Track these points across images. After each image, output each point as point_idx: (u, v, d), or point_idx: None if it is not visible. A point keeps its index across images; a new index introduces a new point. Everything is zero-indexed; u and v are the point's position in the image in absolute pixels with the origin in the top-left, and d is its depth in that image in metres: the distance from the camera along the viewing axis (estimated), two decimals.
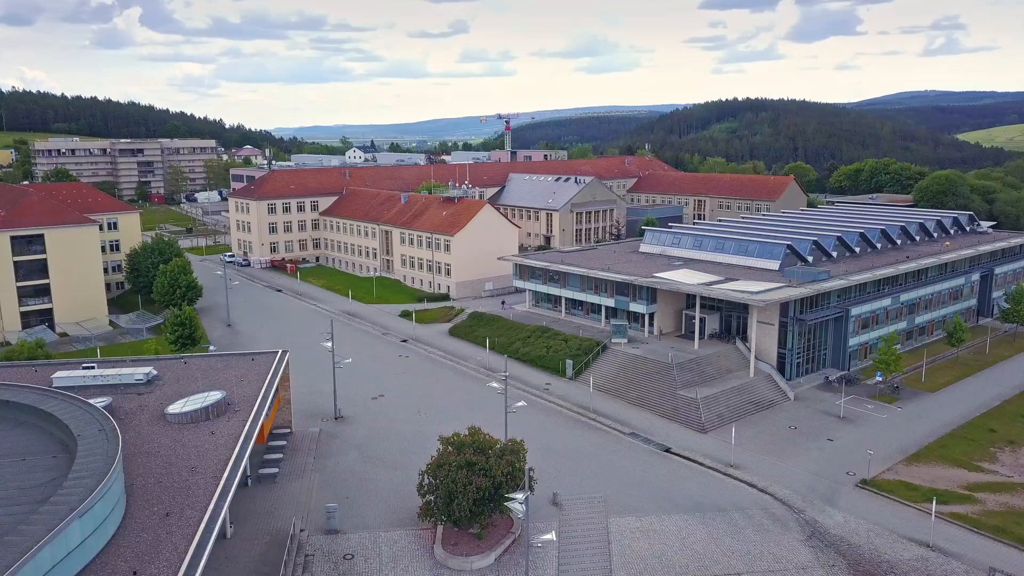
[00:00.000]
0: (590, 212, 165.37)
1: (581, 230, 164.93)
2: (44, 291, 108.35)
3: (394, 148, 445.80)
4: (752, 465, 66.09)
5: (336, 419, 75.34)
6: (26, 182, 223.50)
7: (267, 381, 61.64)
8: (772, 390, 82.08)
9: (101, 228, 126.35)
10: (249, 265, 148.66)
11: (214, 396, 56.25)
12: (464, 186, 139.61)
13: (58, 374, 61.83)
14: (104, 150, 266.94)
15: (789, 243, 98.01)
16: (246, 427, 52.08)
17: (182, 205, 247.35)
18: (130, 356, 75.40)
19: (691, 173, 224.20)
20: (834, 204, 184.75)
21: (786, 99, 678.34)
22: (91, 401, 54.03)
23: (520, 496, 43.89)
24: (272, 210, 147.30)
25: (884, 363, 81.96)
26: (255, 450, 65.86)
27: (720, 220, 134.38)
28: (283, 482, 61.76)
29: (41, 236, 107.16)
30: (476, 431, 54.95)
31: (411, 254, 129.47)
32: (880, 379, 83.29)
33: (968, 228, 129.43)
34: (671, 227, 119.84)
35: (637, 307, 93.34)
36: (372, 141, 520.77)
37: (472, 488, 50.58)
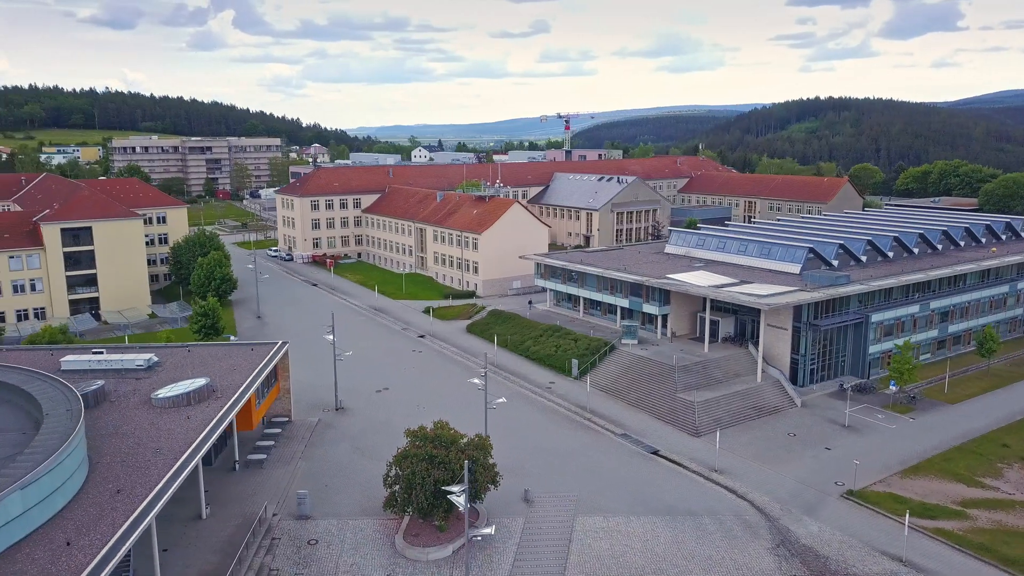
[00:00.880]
0: (632, 212, 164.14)
1: (622, 230, 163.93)
2: (92, 281, 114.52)
3: (461, 148, 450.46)
4: (739, 471, 64.92)
5: (337, 410, 77.41)
6: (103, 177, 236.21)
7: (255, 371, 63.90)
8: (779, 396, 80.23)
9: (150, 222, 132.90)
10: (292, 260, 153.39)
11: (199, 383, 58.78)
12: (496, 185, 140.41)
13: (67, 358, 65.71)
14: (176, 148, 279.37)
15: (811, 246, 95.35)
16: (219, 413, 54.29)
17: (244, 201, 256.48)
18: (148, 344, 79.22)
19: (743, 174, 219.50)
20: (885, 207, 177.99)
21: (872, 98, 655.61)
22: (85, 384, 57.46)
23: (456, 488, 44.51)
24: (315, 206, 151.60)
25: (898, 372, 79.05)
26: (247, 436, 68.81)
27: (752, 221, 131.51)
28: (269, 468, 63.98)
29: (89, 229, 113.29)
30: (443, 425, 55.83)
31: (442, 251, 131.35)
32: (894, 388, 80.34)
33: None
34: (700, 228, 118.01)
35: (650, 308, 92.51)
36: (439, 141, 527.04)
37: (430, 480, 51.55)
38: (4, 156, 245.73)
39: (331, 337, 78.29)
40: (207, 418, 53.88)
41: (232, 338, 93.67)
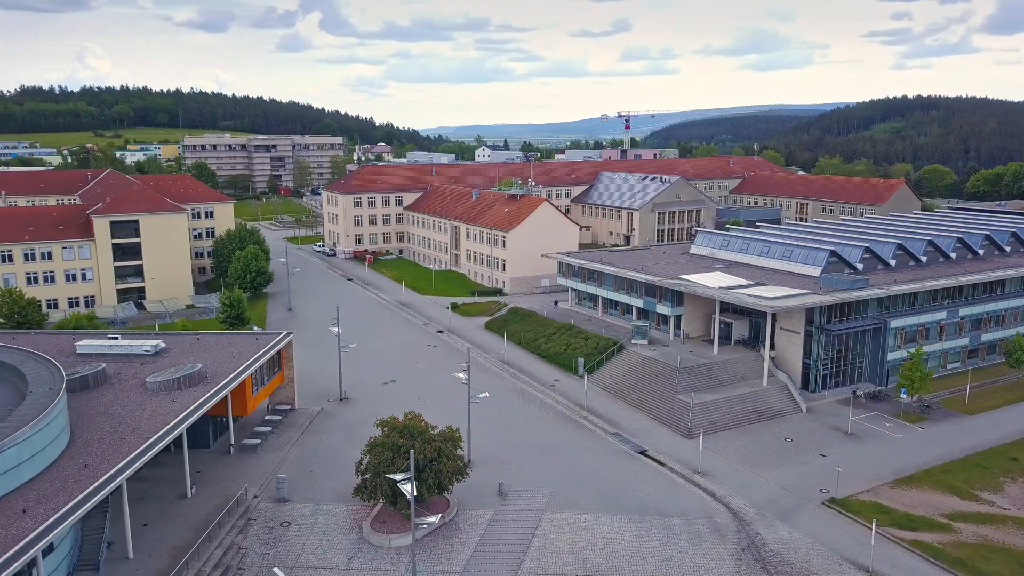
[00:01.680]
0: (674, 212, 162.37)
1: (663, 230, 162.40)
2: (138, 271, 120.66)
3: (525, 147, 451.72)
4: (723, 474, 64.16)
5: (341, 400, 79.73)
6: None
7: (249, 360, 66.59)
8: (783, 400, 78.64)
9: (198, 216, 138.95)
10: (335, 255, 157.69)
11: (191, 368, 61.75)
12: (528, 184, 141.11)
13: (82, 342, 69.92)
14: (243, 146, 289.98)
15: (832, 249, 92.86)
16: (202, 398, 56.99)
17: (304, 198, 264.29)
18: (164, 331, 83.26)
19: (796, 175, 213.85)
20: (945, 210, 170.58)
21: (964, 96, 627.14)
22: (87, 367, 61.17)
23: (399, 477, 45.73)
24: (358, 203, 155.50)
25: (909, 380, 76.42)
26: (249, 421, 71.77)
27: (788, 222, 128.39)
28: (262, 453, 66.63)
29: (136, 222, 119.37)
30: (415, 417, 57.17)
31: (474, 249, 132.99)
32: (905, 397, 77.70)
33: None
34: (729, 230, 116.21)
35: (663, 309, 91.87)
36: (505, 140, 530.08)
37: (394, 469, 52.88)
38: (83, 153, 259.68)
39: (336, 329, 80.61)
40: (190, 402, 56.64)
41: (255, 328, 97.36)
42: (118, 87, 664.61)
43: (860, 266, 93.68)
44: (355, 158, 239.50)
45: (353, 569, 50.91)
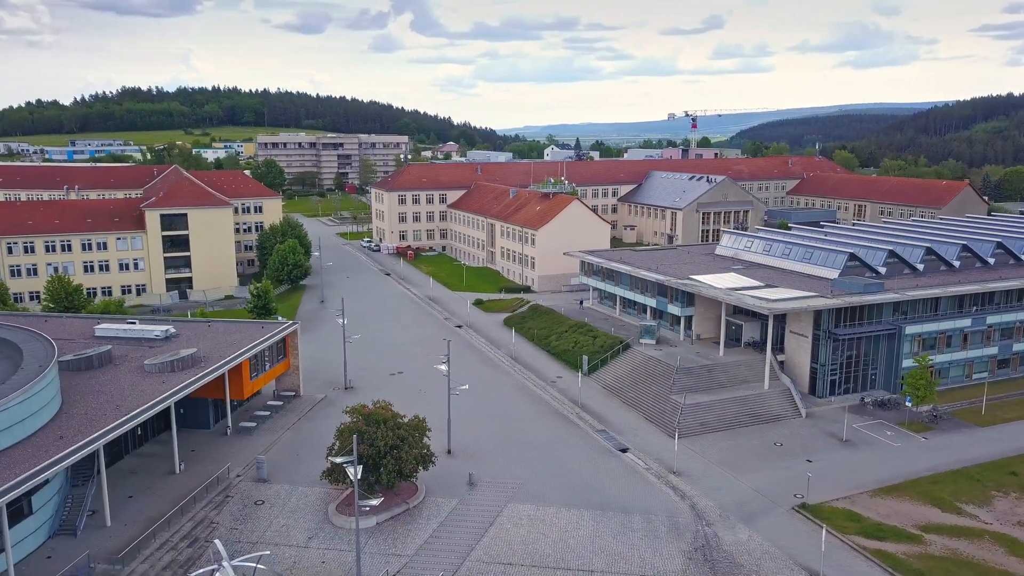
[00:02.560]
0: (719, 212, 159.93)
1: (708, 230, 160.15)
2: (186, 262, 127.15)
3: (596, 147, 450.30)
4: (699, 475, 63.79)
5: (346, 389, 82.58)
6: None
7: (245, 347, 69.99)
8: (783, 405, 77.23)
9: (247, 211, 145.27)
10: (379, 251, 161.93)
11: (187, 352, 65.49)
12: (562, 181, 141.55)
13: (101, 326, 74.90)
14: (312, 144, 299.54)
15: (852, 251, 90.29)
16: (186, 381, 60.50)
17: (366, 195, 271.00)
18: (183, 318, 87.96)
19: (856, 176, 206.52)
20: (1017, 214, 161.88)
21: None
22: (93, 348, 65.70)
23: (340, 460, 47.71)
24: (402, 201, 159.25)
25: (913, 388, 73.88)
26: (252, 405, 75.41)
27: (828, 225, 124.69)
28: (256, 435, 69.98)
29: (184, 215, 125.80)
30: (384, 406, 59.19)
31: (507, 246, 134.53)
32: (909, 405, 75.13)
33: None
34: (758, 230, 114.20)
35: (674, 309, 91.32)
36: (577, 139, 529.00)
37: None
38: (161, 151, 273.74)
39: (342, 320, 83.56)
40: (178, 383, 60.22)
41: (280, 318, 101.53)
42: (210, 87, 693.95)
43: (882, 270, 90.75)
44: (402, 158, 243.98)
45: (311, 547, 53.28)
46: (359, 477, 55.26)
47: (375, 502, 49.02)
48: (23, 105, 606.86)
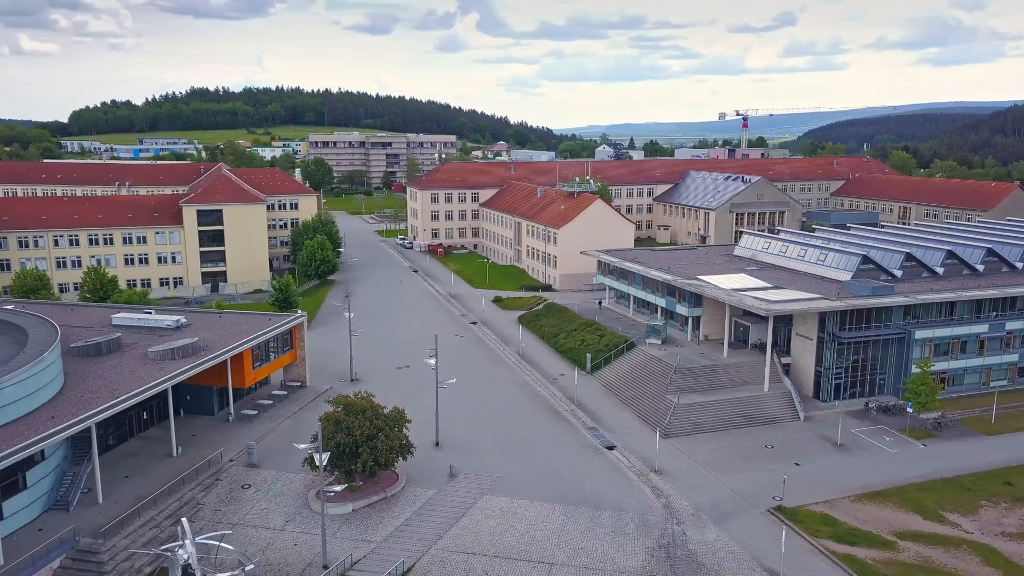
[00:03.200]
0: (753, 213, 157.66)
1: (742, 231, 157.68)
2: (221, 256, 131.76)
3: (648, 147, 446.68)
4: (681, 474, 63.78)
5: (352, 381, 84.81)
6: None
7: (247, 338, 72.68)
8: (782, 407, 76.33)
9: (283, 207, 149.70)
10: (412, 248, 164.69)
11: (187, 341, 68.44)
12: (587, 180, 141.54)
13: (118, 315, 78.71)
14: (362, 143, 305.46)
15: (865, 254, 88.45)
16: (179, 369, 63.31)
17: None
18: (200, 309, 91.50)
19: (903, 177, 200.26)
20: None
21: None
22: (103, 335, 69.26)
23: (303, 446, 49.53)
24: (435, 199, 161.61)
25: (915, 394, 72.17)
26: (255, 394, 78.19)
27: (861, 227, 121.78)
28: (256, 423, 72.61)
29: (220, 211, 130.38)
30: (366, 397, 60.87)
31: (532, 245, 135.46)
32: (910, 411, 73.41)
33: None
34: (779, 231, 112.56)
35: (681, 309, 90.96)
36: (631, 139, 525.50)
37: (332, 443, 56.94)
38: (215, 150, 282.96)
39: (348, 314, 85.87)
40: (172, 370, 63.12)
41: (299, 311, 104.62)
42: (274, 88, 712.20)
43: (898, 273, 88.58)
44: (437, 157, 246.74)
45: (287, 530, 55.42)
46: (338, 464, 57.57)
47: (338, 488, 50.73)
48: (99, 105, 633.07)
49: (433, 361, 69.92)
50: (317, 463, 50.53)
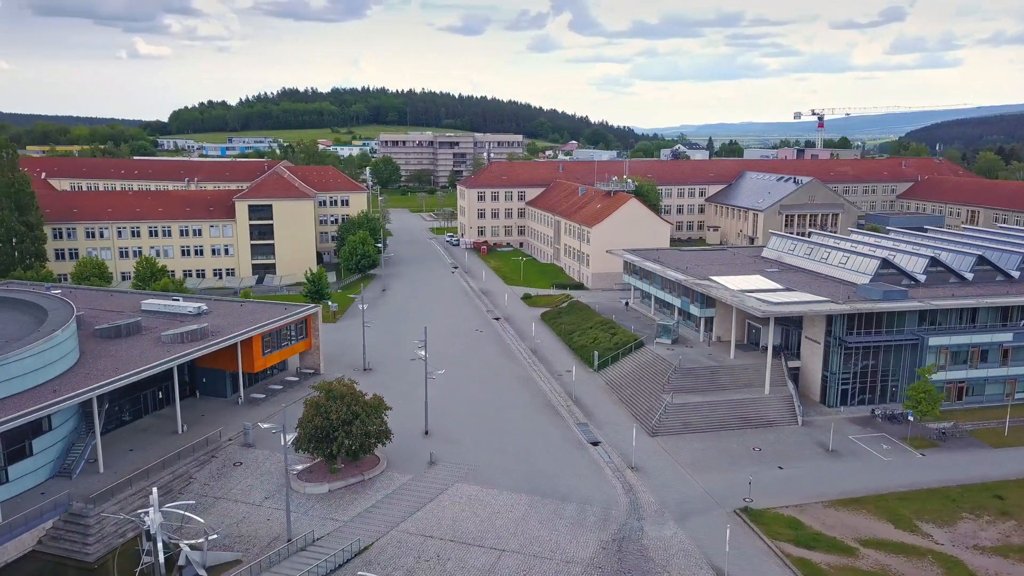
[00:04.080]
0: (804, 215, 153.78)
1: (792, 233, 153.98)
2: (270, 249, 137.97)
3: (725, 147, 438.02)
4: (657, 472, 63.99)
5: (364, 370, 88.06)
6: (367, 168, 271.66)
7: (254, 326, 76.70)
8: (781, 411, 75.22)
9: (334, 204, 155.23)
10: (458, 245, 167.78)
11: (197, 326, 72.88)
12: (625, 179, 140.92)
13: (147, 301, 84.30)
14: (430, 142, 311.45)
15: (885, 258, 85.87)
16: (182, 352, 67.60)
17: None
18: (223, 298, 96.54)
19: (975, 179, 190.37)
20: None
21: None
22: (125, 319, 74.54)
23: (266, 425, 52.46)
24: (481, 197, 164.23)
25: (915, 402, 69.93)
26: (270, 379, 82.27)
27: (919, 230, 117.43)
28: (263, 406, 76.56)
29: (270, 206, 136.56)
30: (348, 384, 63.49)
31: (569, 243, 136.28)
32: (911, 419, 71.13)
33: None
34: (810, 233, 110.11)
35: (694, 309, 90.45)
36: (710, 139, 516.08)
37: (311, 426, 59.95)
38: (287, 148, 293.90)
39: (362, 306, 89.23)
40: (178, 352, 67.51)
41: (331, 304, 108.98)
42: (360, 88, 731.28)
43: (922, 277, 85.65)
44: (485, 157, 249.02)
45: (264, 506, 58.71)
46: (317, 447, 60.52)
47: (300, 467, 53.54)
48: (196, 105, 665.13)
49: (422, 352, 72.11)
50: (282, 444, 53.45)
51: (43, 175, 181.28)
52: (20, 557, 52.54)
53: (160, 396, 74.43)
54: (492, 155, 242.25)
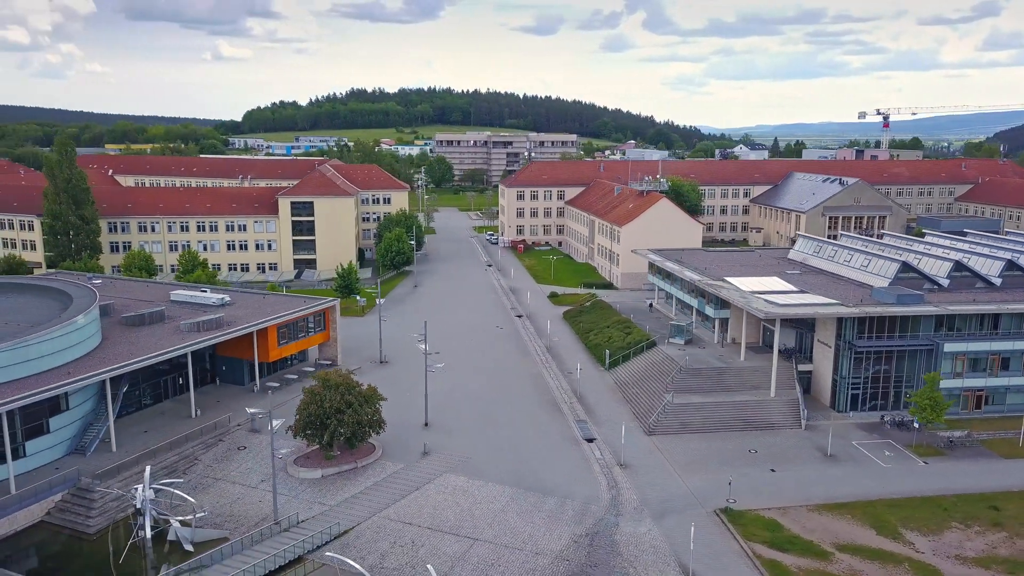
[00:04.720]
0: (849, 217, 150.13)
1: (836, 235, 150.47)
2: (312, 245, 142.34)
3: (790, 148, 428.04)
4: (645, 470, 64.25)
5: (380, 363, 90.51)
6: (423, 168, 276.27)
7: (269, 318, 79.85)
8: (784, 414, 74.31)
9: (376, 202, 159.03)
10: (497, 243, 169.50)
11: (213, 316, 76.41)
12: (659, 179, 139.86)
13: (175, 291, 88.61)
14: (484, 142, 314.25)
15: (905, 261, 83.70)
16: (195, 339, 71.06)
17: None
18: (252, 290, 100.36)
19: None
20: None
21: None
22: (150, 308, 78.72)
23: (252, 410, 54.98)
24: (520, 196, 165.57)
25: (920, 408, 68.18)
26: (287, 369, 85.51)
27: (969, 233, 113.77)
28: (276, 394, 79.16)
29: (311, 203, 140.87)
30: (344, 374, 65.82)
31: (601, 243, 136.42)
32: (916, 426, 69.37)
33: None
34: (842, 235, 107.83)
35: (709, 310, 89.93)
36: (775, 139, 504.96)
37: (306, 413, 62.44)
38: (343, 146, 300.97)
39: (379, 300, 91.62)
40: (190, 340, 71.03)
41: (359, 298, 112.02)
42: (425, 88, 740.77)
43: (945, 282, 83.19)
44: (527, 155, 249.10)
45: (258, 488, 61.43)
46: (311, 434, 62.99)
47: (284, 451, 55.91)
48: (268, 105, 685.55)
49: (423, 346, 73.92)
50: (270, 428, 55.93)
51: (110, 172, 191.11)
52: (29, 526, 56.39)
53: (180, 382, 78.15)
54: (536, 154, 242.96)
